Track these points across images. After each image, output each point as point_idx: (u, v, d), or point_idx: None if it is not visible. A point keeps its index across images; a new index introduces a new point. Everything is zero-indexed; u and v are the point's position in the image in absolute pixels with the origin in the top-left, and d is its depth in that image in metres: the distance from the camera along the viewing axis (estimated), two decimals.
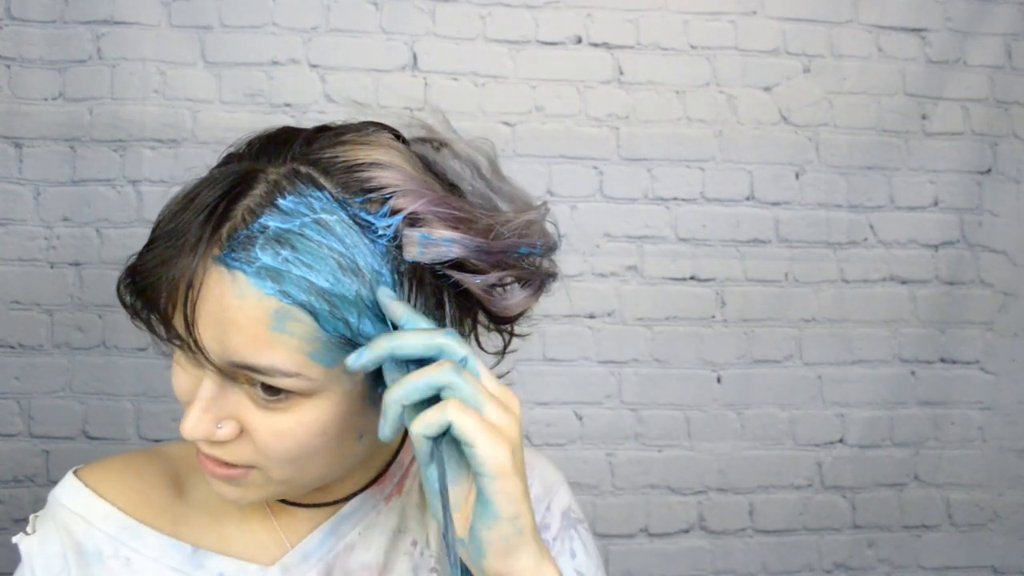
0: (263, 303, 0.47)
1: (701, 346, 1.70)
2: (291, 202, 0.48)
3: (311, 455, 0.52)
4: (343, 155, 0.51)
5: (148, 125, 1.58)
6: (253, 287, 0.47)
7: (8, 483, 1.55)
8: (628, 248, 1.69)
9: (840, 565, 1.71)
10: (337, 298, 0.47)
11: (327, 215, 0.48)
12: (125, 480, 0.60)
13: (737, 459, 1.70)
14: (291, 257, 0.47)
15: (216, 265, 0.48)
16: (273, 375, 0.48)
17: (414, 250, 0.49)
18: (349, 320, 0.48)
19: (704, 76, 1.71)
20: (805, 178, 1.72)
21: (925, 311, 1.74)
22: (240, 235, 0.47)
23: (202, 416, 0.50)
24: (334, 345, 0.49)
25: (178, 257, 0.48)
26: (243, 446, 0.52)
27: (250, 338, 0.47)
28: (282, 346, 0.48)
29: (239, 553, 0.60)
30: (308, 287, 0.47)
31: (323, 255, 0.47)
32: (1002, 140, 1.76)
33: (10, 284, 1.56)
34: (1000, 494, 1.76)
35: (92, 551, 0.57)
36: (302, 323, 0.48)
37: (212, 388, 0.50)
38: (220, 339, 0.48)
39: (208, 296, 0.48)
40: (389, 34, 1.64)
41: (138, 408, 1.57)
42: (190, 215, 0.49)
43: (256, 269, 0.47)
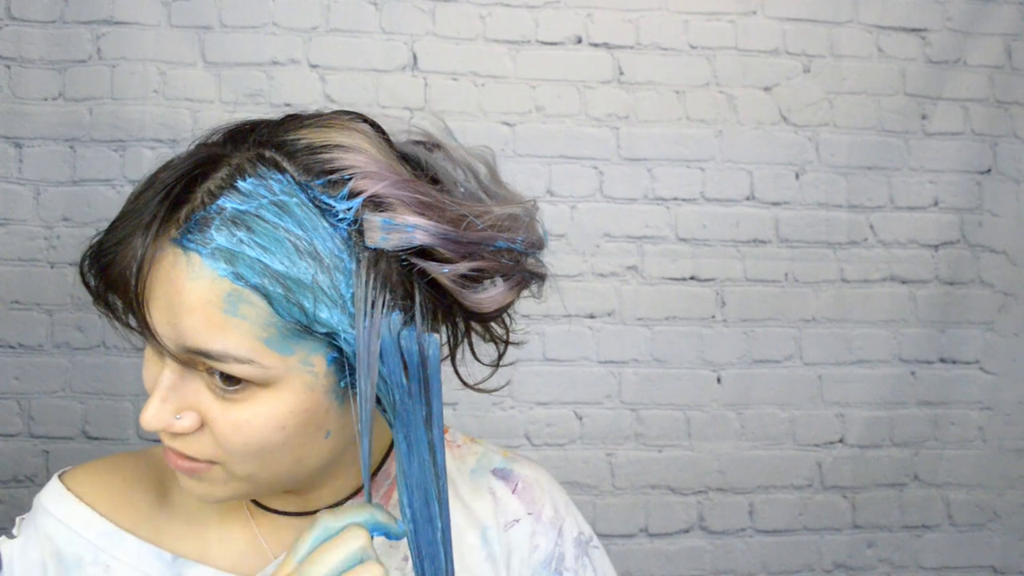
0: (216, 284, 0.46)
1: (701, 346, 1.70)
2: (251, 184, 0.47)
3: (272, 450, 0.50)
4: (306, 137, 0.50)
5: (148, 125, 1.58)
6: (207, 268, 0.46)
7: (8, 483, 1.55)
8: (628, 248, 1.69)
9: (840, 565, 1.71)
10: (292, 282, 0.46)
11: (286, 197, 0.47)
12: (110, 484, 0.60)
13: (737, 459, 1.70)
14: (246, 239, 0.46)
15: (172, 246, 0.47)
16: (226, 361, 0.46)
17: (376, 235, 0.47)
18: (304, 305, 0.46)
19: (704, 76, 1.71)
20: (805, 178, 1.72)
21: (925, 311, 1.74)
22: (197, 216, 0.46)
23: (161, 406, 0.49)
24: (290, 332, 0.47)
25: (135, 238, 0.47)
26: (203, 439, 0.50)
27: (203, 321, 0.46)
28: (235, 330, 0.46)
29: (219, 562, 0.59)
30: (262, 269, 0.46)
31: (279, 237, 0.46)
32: (1002, 140, 1.76)
33: (10, 284, 1.56)
34: (1000, 494, 1.76)
35: (72, 557, 0.57)
36: (255, 307, 0.46)
37: (171, 377, 0.49)
38: (174, 323, 0.47)
39: (163, 277, 0.47)
40: (389, 34, 1.64)
41: (138, 408, 1.57)
42: (149, 195, 0.48)
43: (211, 250, 0.46)
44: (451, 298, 0.51)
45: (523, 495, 0.65)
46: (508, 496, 0.65)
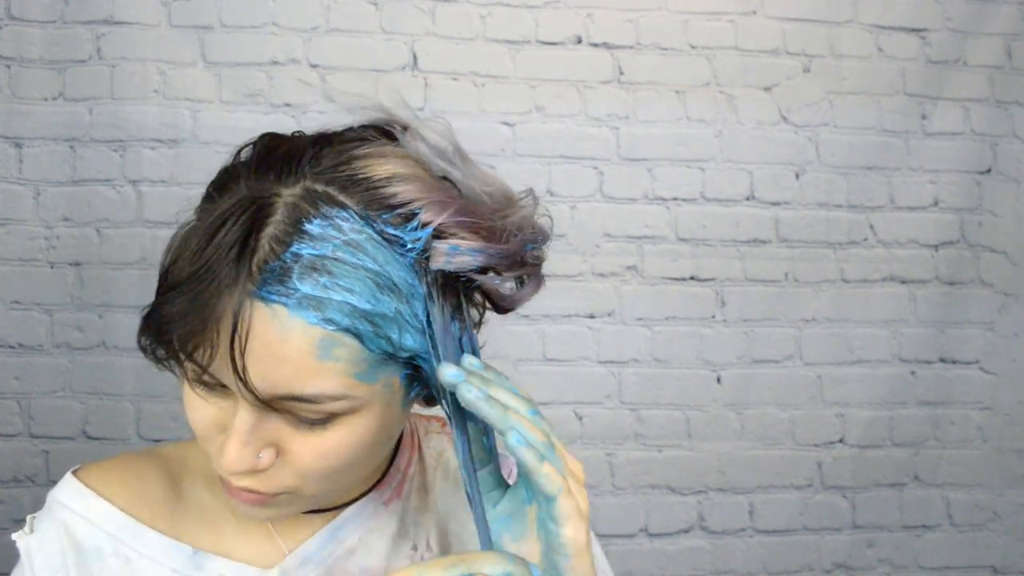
0: (307, 333, 0.45)
1: (701, 346, 1.70)
2: (318, 226, 0.46)
3: (349, 468, 0.51)
4: (360, 171, 0.49)
5: (148, 125, 1.58)
6: (296, 319, 0.45)
7: (8, 483, 1.55)
8: (628, 248, 1.69)
9: (840, 565, 1.71)
10: (379, 317, 0.47)
11: (356, 235, 0.47)
12: (124, 480, 0.60)
13: (737, 459, 1.70)
14: (329, 283, 0.45)
15: (253, 300, 0.45)
16: (321, 402, 0.47)
17: (441, 260, 0.48)
18: (391, 337, 0.47)
19: (704, 76, 1.71)
20: (805, 178, 1.72)
21: (925, 311, 1.74)
22: (273, 267, 0.45)
23: (243, 450, 0.48)
24: (377, 363, 0.48)
25: (211, 298, 0.46)
26: (280, 471, 0.50)
27: (296, 370, 0.46)
28: (328, 372, 0.46)
29: (237, 555, 0.59)
30: (351, 311, 0.46)
31: (360, 276, 0.46)
32: (1002, 140, 1.76)
33: (10, 284, 1.56)
34: (1000, 494, 1.76)
35: (91, 549, 0.57)
36: (347, 347, 0.46)
37: (249, 419, 0.48)
38: (264, 375, 0.46)
39: (248, 335, 0.46)
40: (389, 34, 1.64)
41: (138, 408, 1.57)
42: (213, 252, 0.46)
43: (296, 300, 0.45)
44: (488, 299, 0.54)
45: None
46: None
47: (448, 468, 0.67)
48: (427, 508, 0.64)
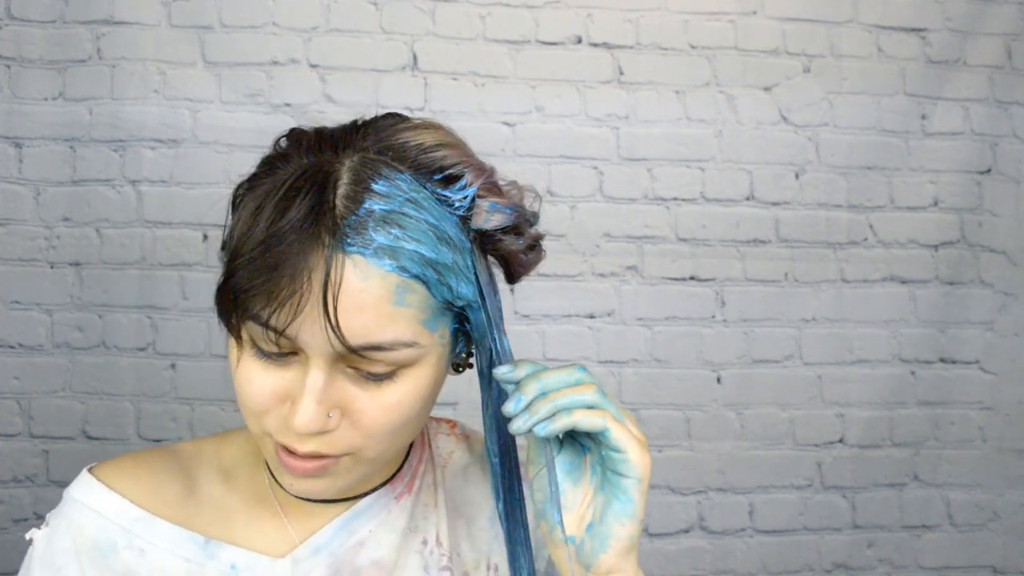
0: (386, 280, 0.49)
1: (701, 346, 1.70)
2: (383, 185, 0.51)
3: (411, 423, 0.55)
4: (410, 139, 0.54)
5: (148, 125, 1.58)
6: (374, 267, 0.49)
7: (8, 483, 1.55)
8: (628, 248, 1.69)
9: (840, 565, 1.71)
10: (441, 266, 0.51)
11: (415, 193, 0.52)
12: (137, 474, 0.61)
13: (737, 459, 1.70)
14: (400, 234, 0.50)
15: (335, 254, 0.49)
16: (395, 348, 0.50)
17: (482, 218, 0.54)
18: (451, 285, 0.52)
19: (704, 76, 1.71)
20: (805, 178, 1.72)
21: (925, 311, 1.74)
22: (351, 221, 0.49)
23: (317, 408, 0.50)
24: (439, 311, 0.53)
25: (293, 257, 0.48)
26: (344, 432, 0.53)
27: (374, 317, 0.49)
28: (401, 318, 0.50)
29: (249, 546, 0.61)
30: (420, 259, 0.50)
31: (423, 229, 0.51)
32: (1002, 140, 1.76)
33: (10, 284, 1.56)
34: (1000, 494, 1.76)
35: (106, 543, 0.58)
36: (417, 293, 0.51)
37: (321, 379, 0.51)
38: (346, 325, 0.49)
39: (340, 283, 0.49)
40: (389, 34, 1.64)
41: (138, 408, 1.57)
42: (293, 214, 0.49)
43: (374, 250, 0.49)
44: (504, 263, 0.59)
45: None
46: None
47: (456, 467, 0.69)
48: (436, 504, 0.66)
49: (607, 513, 0.53)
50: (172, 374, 1.57)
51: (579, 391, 0.52)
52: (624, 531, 0.53)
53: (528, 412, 0.51)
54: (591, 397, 0.52)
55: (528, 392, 0.52)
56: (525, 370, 0.53)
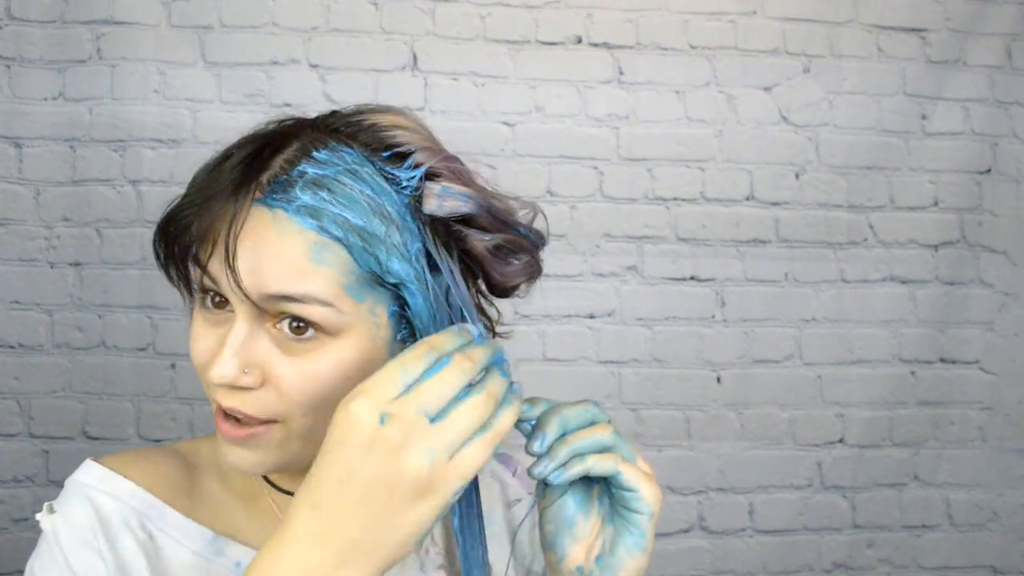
0: (303, 236, 0.51)
1: (701, 346, 1.70)
2: (324, 155, 0.53)
3: (332, 400, 0.53)
4: (366, 119, 0.56)
5: (148, 125, 1.58)
6: (294, 223, 0.51)
7: (8, 483, 1.55)
8: (628, 248, 1.69)
9: (840, 565, 1.71)
10: (368, 235, 0.52)
11: (357, 166, 0.53)
12: (144, 465, 0.62)
13: (737, 459, 1.70)
14: (328, 197, 0.52)
15: (257, 207, 0.52)
16: (309, 303, 0.51)
17: (433, 202, 0.54)
18: (379, 256, 0.52)
19: (704, 76, 1.71)
20: (805, 178, 1.72)
21: (925, 311, 1.74)
22: (280, 180, 0.52)
23: (231, 359, 0.52)
24: (364, 281, 0.53)
25: (217, 201, 0.52)
26: (266, 396, 0.53)
27: (290, 267, 0.51)
28: (319, 276, 0.51)
29: (254, 544, 0.61)
30: (344, 223, 0.51)
31: (355, 198, 0.52)
32: (1002, 140, 1.76)
33: (10, 284, 1.56)
34: (1000, 494, 1.76)
35: (117, 524, 0.58)
36: (338, 256, 0.52)
37: (241, 333, 0.52)
38: (259, 271, 0.51)
39: (249, 233, 0.51)
40: (389, 34, 1.64)
41: (138, 408, 1.57)
42: (227, 167, 0.53)
43: (296, 207, 0.51)
44: (479, 268, 0.58)
45: (523, 478, 0.73)
46: (509, 479, 0.72)
47: None
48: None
49: (618, 545, 0.54)
50: (172, 374, 1.57)
51: (595, 433, 0.52)
52: (634, 563, 0.54)
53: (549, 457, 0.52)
54: (606, 438, 0.53)
55: (550, 431, 0.52)
56: (541, 407, 0.54)
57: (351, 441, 0.45)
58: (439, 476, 0.45)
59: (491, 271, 0.58)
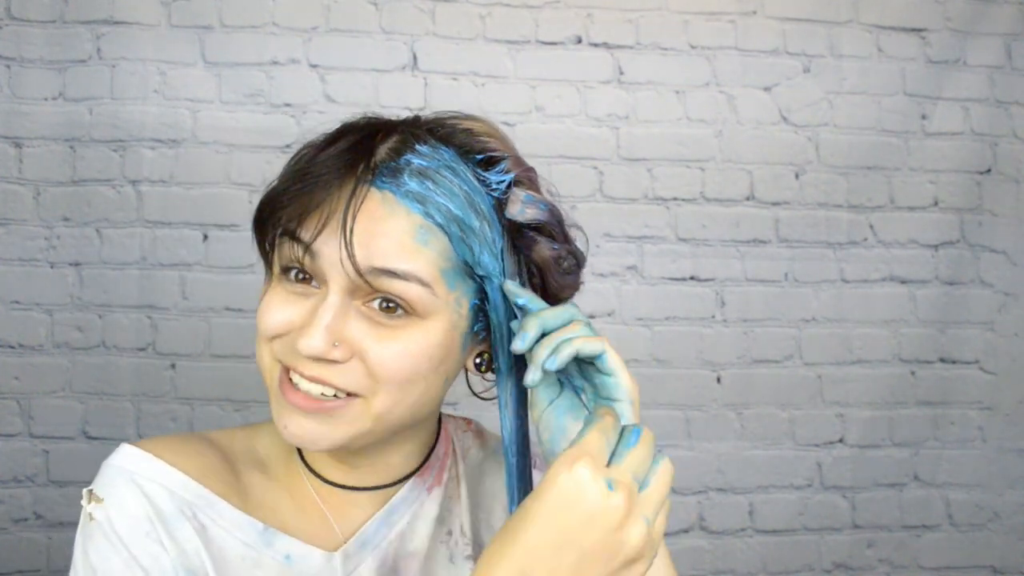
0: (410, 218, 0.54)
1: (701, 346, 1.70)
2: (427, 149, 0.56)
3: (415, 380, 0.56)
4: (461, 124, 0.60)
5: (148, 125, 1.58)
6: (401, 204, 0.54)
7: (8, 483, 1.55)
8: (628, 248, 1.69)
9: (840, 565, 1.71)
10: (466, 227, 0.55)
11: (455, 164, 0.57)
12: (188, 453, 0.61)
13: (737, 459, 1.70)
14: (433, 187, 0.55)
15: (366, 187, 0.54)
16: (410, 280, 0.53)
17: (517, 207, 0.58)
18: (473, 247, 0.56)
19: (704, 76, 1.71)
20: (805, 178, 1.72)
21: (925, 311, 1.74)
22: (389, 165, 0.55)
23: (324, 333, 0.53)
24: (459, 269, 0.56)
25: (325, 181, 0.54)
26: (353, 369, 0.55)
27: (396, 244, 0.53)
28: (422, 257, 0.54)
29: (301, 537, 0.61)
30: (447, 212, 0.55)
31: (455, 191, 0.55)
32: (1002, 140, 1.76)
33: (10, 284, 1.56)
34: (1000, 494, 1.76)
35: (170, 514, 0.57)
36: (440, 241, 0.55)
37: (334, 308, 0.54)
38: (367, 245, 0.53)
39: (361, 211, 0.53)
40: (389, 34, 1.64)
41: (138, 408, 1.57)
42: (334, 152, 0.56)
43: (404, 192, 0.54)
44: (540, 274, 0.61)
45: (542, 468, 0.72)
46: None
47: (474, 462, 0.71)
48: (460, 497, 0.68)
49: None
50: (172, 374, 1.57)
51: (573, 328, 0.55)
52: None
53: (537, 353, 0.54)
54: (584, 332, 0.55)
55: (530, 328, 0.54)
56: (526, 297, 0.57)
57: (578, 508, 0.44)
58: (648, 545, 0.46)
59: (550, 278, 0.61)
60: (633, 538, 0.45)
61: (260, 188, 0.56)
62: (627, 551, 0.45)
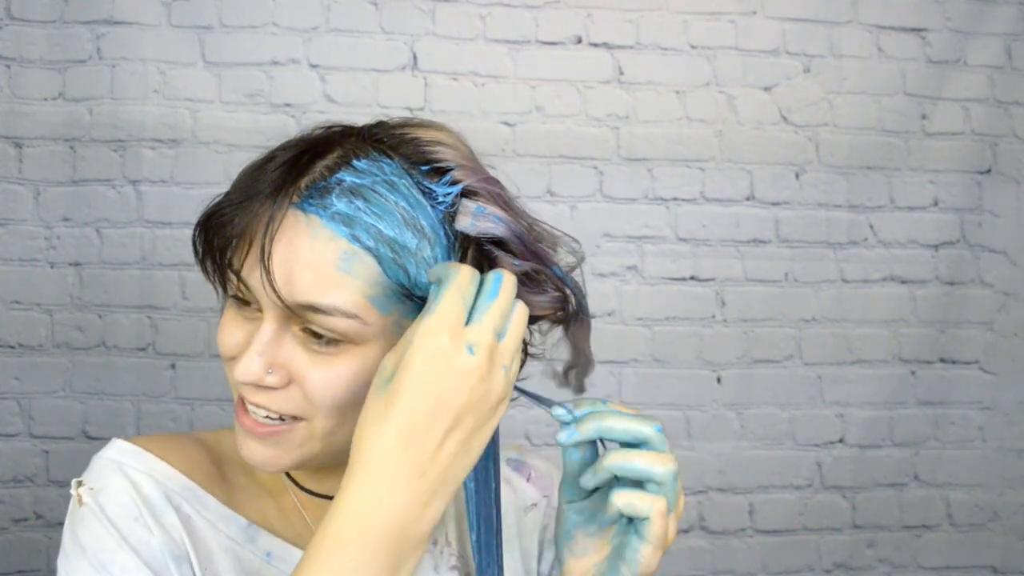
0: (334, 243, 0.51)
1: (701, 346, 1.70)
2: (364, 164, 0.53)
3: (355, 403, 0.53)
4: (409, 133, 0.56)
5: (148, 125, 1.58)
6: (326, 228, 0.51)
7: (8, 483, 1.55)
8: (628, 248, 1.69)
9: (840, 565, 1.71)
10: (400, 247, 0.52)
11: (395, 178, 0.53)
12: (176, 449, 0.62)
13: (737, 459, 1.70)
14: (363, 206, 0.52)
15: (293, 210, 0.52)
16: (333, 314, 0.51)
17: (467, 220, 0.54)
18: (408, 269, 0.52)
19: (704, 76, 1.71)
20: (805, 178, 1.72)
21: (925, 311, 1.74)
22: (318, 185, 0.52)
23: (256, 359, 0.53)
24: (392, 292, 0.53)
25: (255, 202, 0.52)
26: (291, 395, 0.54)
27: (317, 276, 0.51)
28: (345, 287, 0.51)
29: (283, 536, 0.61)
30: (376, 233, 0.51)
31: (390, 209, 0.52)
32: (1002, 140, 1.76)
33: (10, 284, 1.56)
34: (1000, 494, 1.76)
35: (158, 503, 0.58)
36: (367, 266, 0.52)
37: (268, 334, 0.53)
38: (288, 278, 0.51)
39: (282, 237, 0.51)
40: (389, 34, 1.64)
41: (138, 408, 1.57)
42: (269, 168, 0.53)
43: (330, 214, 0.51)
44: None
45: (537, 483, 0.74)
46: (523, 484, 0.73)
47: None
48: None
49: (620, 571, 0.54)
50: (172, 374, 1.57)
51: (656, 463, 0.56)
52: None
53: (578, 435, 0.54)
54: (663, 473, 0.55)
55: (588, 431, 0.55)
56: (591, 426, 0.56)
57: (443, 374, 0.46)
58: (507, 388, 0.49)
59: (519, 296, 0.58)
60: (495, 390, 0.48)
61: None
62: (491, 403, 0.48)
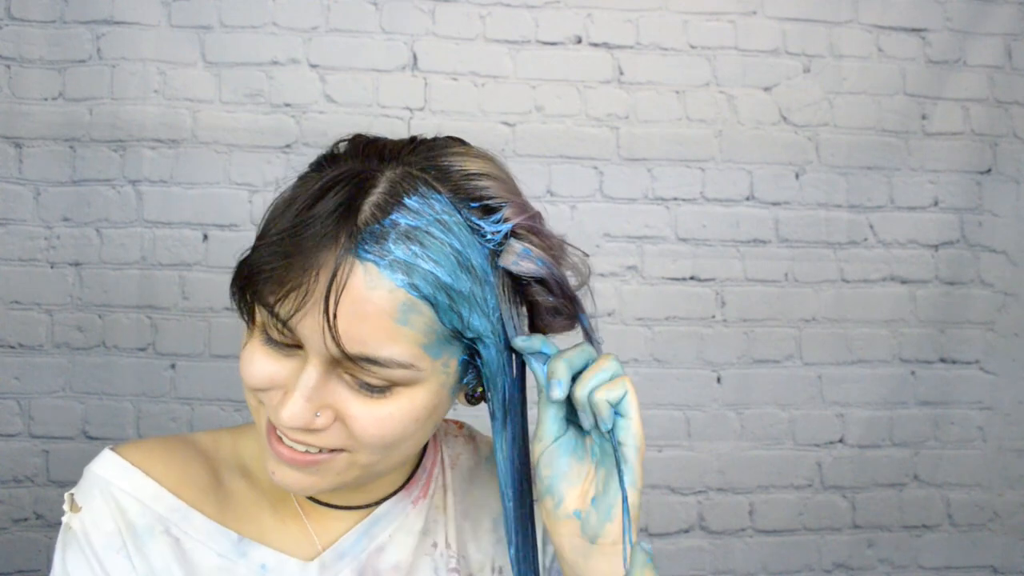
0: (393, 295, 0.49)
1: (701, 346, 1.70)
2: (415, 201, 0.51)
3: (403, 440, 0.54)
4: (453, 163, 0.54)
5: (148, 125, 1.58)
6: (385, 278, 0.49)
7: (8, 483, 1.55)
8: (628, 248, 1.69)
9: (840, 565, 1.71)
10: (455, 292, 0.51)
11: (447, 216, 0.51)
12: (168, 461, 0.61)
13: (737, 459, 1.70)
14: (420, 252, 0.50)
15: (348, 256, 0.49)
16: (390, 367, 0.50)
17: (511, 259, 0.54)
18: (462, 313, 0.52)
19: (704, 76, 1.71)
20: (805, 178, 1.72)
21: (925, 311, 1.74)
22: (373, 229, 0.49)
23: (305, 405, 0.51)
24: (445, 338, 0.52)
25: (309, 250, 0.49)
26: (336, 432, 0.53)
27: (374, 330, 0.49)
28: (403, 339, 0.50)
29: (278, 547, 0.61)
30: (434, 281, 0.50)
31: (446, 252, 0.51)
32: (1002, 140, 1.76)
33: (10, 284, 1.56)
34: (1000, 494, 1.76)
35: (143, 528, 0.58)
36: (423, 316, 0.50)
37: (315, 378, 0.51)
38: (345, 329, 0.49)
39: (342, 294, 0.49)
40: (389, 34, 1.64)
41: (138, 408, 1.57)
42: (318, 210, 0.50)
43: (389, 262, 0.49)
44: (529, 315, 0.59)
45: None
46: None
47: (463, 469, 0.70)
48: (446, 507, 0.67)
49: (610, 484, 0.55)
50: (172, 374, 1.57)
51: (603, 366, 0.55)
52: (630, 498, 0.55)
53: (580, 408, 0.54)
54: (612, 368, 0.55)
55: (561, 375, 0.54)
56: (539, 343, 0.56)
57: None
58: None
59: (539, 320, 0.59)
60: None
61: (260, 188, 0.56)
62: None
